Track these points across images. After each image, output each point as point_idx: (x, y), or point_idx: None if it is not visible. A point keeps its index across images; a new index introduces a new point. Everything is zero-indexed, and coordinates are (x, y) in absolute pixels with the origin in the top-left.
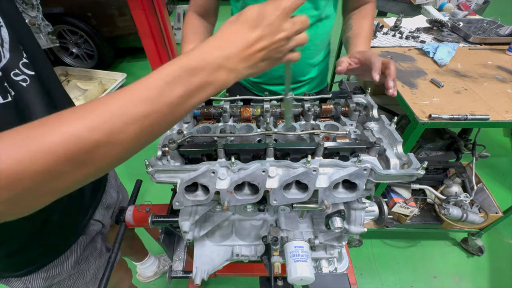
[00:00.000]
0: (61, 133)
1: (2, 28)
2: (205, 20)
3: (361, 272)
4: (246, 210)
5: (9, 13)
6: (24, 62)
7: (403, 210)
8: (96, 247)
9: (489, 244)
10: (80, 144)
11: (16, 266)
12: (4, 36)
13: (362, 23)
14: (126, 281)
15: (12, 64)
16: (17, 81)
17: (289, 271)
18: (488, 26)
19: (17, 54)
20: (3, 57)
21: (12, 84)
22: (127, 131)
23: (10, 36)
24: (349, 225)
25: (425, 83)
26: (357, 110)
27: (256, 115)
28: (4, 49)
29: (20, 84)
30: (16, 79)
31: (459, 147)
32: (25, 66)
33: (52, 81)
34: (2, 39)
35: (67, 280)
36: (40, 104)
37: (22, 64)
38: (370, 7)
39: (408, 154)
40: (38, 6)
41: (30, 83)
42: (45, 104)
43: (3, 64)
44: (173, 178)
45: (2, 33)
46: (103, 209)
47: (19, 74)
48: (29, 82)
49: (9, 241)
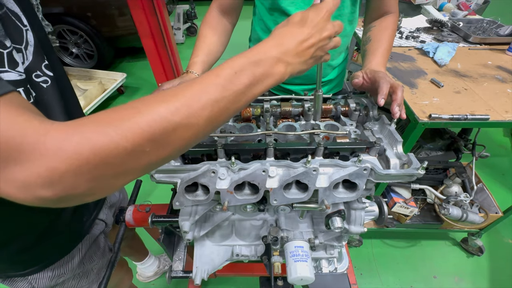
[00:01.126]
0: (149, 114)
1: (28, 31)
2: (226, 19)
3: (361, 272)
4: (246, 210)
5: (33, 17)
6: (46, 64)
7: (403, 210)
8: (100, 246)
9: (489, 244)
10: (164, 125)
11: (23, 265)
12: (29, 39)
13: (381, 37)
14: (127, 281)
15: (35, 66)
16: (38, 82)
17: (289, 271)
18: (488, 26)
19: (39, 56)
20: (26, 59)
21: (34, 85)
22: (201, 115)
23: (35, 40)
24: (349, 225)
25: (425, 83)
26: (357, 110)
27: (256, 115)
28: (28, 51)
29: (41, 85)
30: (37, 80)
31: (459, 147)
32: (47, 68)
33: (67, 84)
34: (27, 41)
35: (72, 279)
36: (58, 106)
37: (44, 66)
38: (392, 19)
39: (408, 154)
40: (38, 6)
41: (50, 84)
42: (62, 105)
43: (25, 66)
44: (173, 178)
45: (28, 36)
46: (107, 209)
47: (40, 76)
48: (49, 83)
49: (17, 240)
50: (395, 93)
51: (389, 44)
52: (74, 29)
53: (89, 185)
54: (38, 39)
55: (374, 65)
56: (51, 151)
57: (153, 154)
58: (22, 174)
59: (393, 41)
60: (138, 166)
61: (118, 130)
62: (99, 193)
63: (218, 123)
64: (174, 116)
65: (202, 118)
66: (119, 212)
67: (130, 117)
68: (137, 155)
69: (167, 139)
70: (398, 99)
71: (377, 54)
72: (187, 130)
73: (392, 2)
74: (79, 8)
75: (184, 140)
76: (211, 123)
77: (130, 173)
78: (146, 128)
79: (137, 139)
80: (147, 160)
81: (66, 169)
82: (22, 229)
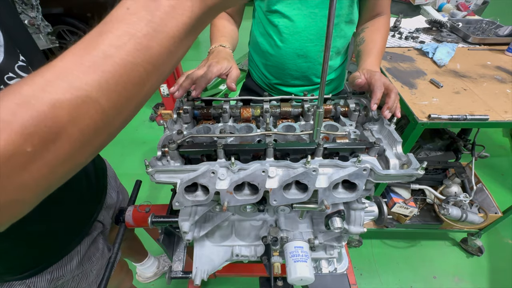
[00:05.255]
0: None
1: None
2: (232, 19)
3: (361, 272)
4: (246, 210)
5: (3, 15)
6: (20, 65)
7: (403, 210)
8: (98, 247)
9: (489, 244)
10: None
11: (21, 269)
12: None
13: (374, 37)
14: (127, 282)
15: (6, 68)
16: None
17: (289, 271)
18: (487, 26)
19: (12, 57)
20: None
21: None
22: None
23: (5, 39)
24: (349, 225)
25: (425, 84)
26: (357, 110)
27: (255, 116)
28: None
29: None
30: (9, 83)
31: (458, 147)
32: (21, 69)
33: None
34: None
35: (71, 281)
36: None
37: (17, 67)
38: (384, 20)
39: (408, 154)
40: (38, 7)
41: None
42: None
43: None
44: (173, 178)
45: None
46: (104, 210)
47: (13, 78)
48: None
49: (17, 246)
50: (388, 95)
51: (383, 44)
52: (74, 30)
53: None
54: (9, 38)
55: (369, 65)
56: None
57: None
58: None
59: (386, 41)
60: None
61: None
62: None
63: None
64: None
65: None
66: (118, 212)
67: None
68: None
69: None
70: (390, 102)
71: (371, 54)
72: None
73: (384, 4)
74: (79, 9)
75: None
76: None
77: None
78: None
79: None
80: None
81: None
82: (21, 236)
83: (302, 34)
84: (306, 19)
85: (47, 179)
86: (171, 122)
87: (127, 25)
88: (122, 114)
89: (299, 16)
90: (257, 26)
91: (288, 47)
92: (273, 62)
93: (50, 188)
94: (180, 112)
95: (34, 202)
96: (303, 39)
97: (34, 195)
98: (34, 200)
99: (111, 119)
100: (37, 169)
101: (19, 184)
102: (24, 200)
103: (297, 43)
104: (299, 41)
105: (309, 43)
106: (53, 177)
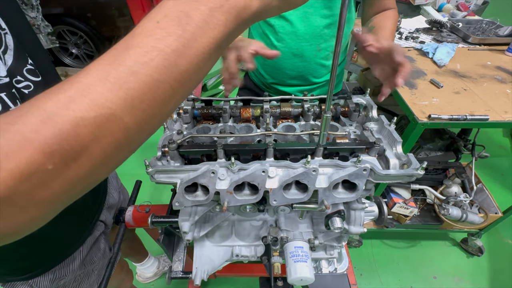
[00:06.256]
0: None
1: (7, 35)
2: None
3: (361, 273)
4: (246, 210)
5: (13, 18)
6: (29, 68)
7: (403, 211)
8: (100, 247)
9: (489, 245)
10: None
11: (24, 269)
12: (9, 43)
13: (384, 24)
14: (128, 282)
15: (15, 71)
16: (19, 88)
17: (289, 272)
18: (487, 26)
19: (21, 60)
20: (5, 64)
21: (17, 90)
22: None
23: (15, 43)
24: (349, 225)
25: (425, 84)
26: (357, 110)
27: (255, 116)
28: (7, 55)
29: (22, 91)
30: (18, 86)
31: (458, 148)
32: (30, 72)
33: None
34: (6, 45)
35: (73, 281)
36: None
37: (26, 71)
38: (393, 13)
39: (408, 154)
40: (38, 7)
41: (33, 89)
42: None
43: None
44: (173, 178)
45: (7, 40)
46: (106, 210)
47: (21, 81)
48: (32, 89)
49: (20, 248)
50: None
51: (393, 29)
52: (74, 30)
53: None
54: (19, 42)
55: (384, 37)
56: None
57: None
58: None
59: (395, 29)
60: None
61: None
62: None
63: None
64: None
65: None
66: (119, 212)
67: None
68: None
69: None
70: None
71: (386, 30)
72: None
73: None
74: (79, 9)
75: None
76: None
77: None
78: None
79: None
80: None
81: None
82: (26, 238)
83: (297, 33)
84: (301, 19)
85: (66, 194)
86: (171, 122)
87: (156, 40)
88: (145, 131)
89: (294, 16)
90: (254, 26)
91: (284, 46)
92: (269, 61)
93: (69, 202)
94: (180, 112)
95: (51, 216)
96: (298, 39)
97: (53, 210)
98: (52, 215)
99: (133, 137)
100: (58, 186)
101: (39, 201)
102: (43, 217)
103: (292, 43)
104: (295, 40)
105: (304, 42)
106: (73, 193)
